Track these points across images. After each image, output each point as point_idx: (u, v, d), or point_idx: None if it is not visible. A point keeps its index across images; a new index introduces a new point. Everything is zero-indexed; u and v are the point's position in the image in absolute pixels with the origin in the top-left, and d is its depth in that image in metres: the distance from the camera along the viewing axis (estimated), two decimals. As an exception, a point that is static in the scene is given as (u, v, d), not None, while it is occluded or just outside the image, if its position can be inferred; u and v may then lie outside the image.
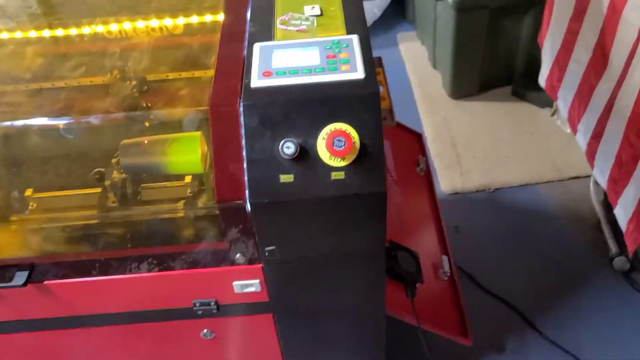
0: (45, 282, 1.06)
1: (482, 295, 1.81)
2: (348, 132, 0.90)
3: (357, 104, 0.91)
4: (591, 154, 1.46)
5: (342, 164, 0.91)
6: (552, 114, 2.28)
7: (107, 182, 1.11)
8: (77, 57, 1.16)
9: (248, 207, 0.92)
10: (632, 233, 1.35)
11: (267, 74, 0.96)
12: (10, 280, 1.02)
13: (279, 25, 1.07)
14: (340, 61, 0.97)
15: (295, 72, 0.96)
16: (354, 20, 1.07)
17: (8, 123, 1.02)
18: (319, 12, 1.09)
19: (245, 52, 1.02)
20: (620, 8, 1.30)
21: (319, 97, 0.91)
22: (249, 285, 1.07)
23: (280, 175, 0.91)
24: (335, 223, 0.97)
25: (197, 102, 0.95)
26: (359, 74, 0.94)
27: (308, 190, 0.91)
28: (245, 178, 0.91)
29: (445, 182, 2.13)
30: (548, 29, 1.69)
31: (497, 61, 2.37)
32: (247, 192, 0.92)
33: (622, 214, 1.38)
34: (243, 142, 0.91)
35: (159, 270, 1.03)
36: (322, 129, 0.91)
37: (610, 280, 1.80)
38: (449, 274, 1.60)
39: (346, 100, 0.91)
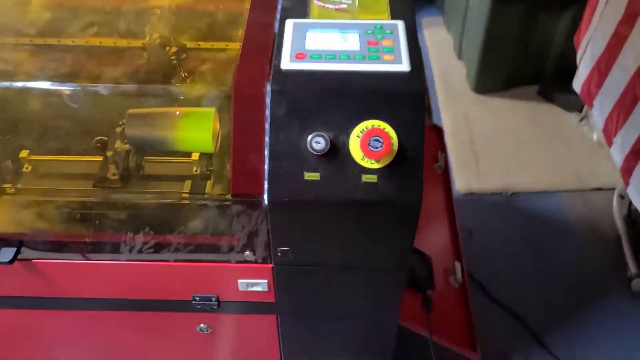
0: (34, 261, 0.97)
1: (490, 306, 1.72)
2: (387, 131, 0.79)
3: (400, 101, 0.81)
4: (628, 170, 1.37)
5: (376, 166, 0.81)
6: (581, 120, 2.17)
7: (109, 153, 1.01)
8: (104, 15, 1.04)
9: (265, 203, 0.83)
10: None
11: (300, 56, 0.85)
12: (-4, 255, 0.93)
13: (315, 1, 0.96)
14: (383, 49, 0.86)
15: (331, 56, 0.85)
16: (400, 3, 0.96)
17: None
18: (361, -9, 0.98)
19: (277, 28, 0.91)
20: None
21: (357, 89, 0.81)
22: (255, 284, 0.98)
23: (305, 172, 0.81)
24: (360, 230, 0.87)
25: (222, 81, 0.85)
26: (404, 66, 0.83)
27: (335, 192, 0.81)
28: (266, 171, 0.81)
29: (461, 181, 2.03)
30: (588, 30, 1.57)
31: (526, 58, 2.25)
32: (266, 186, 0.82)
33: None
34: (267, 131, 0.81)
35: (158, 260, 0.93)
36: (358, 125, 0.80)
37: (626, 303, 1.72)
38: (460, 282, 1.51)
39: (388, 95, 0.80)
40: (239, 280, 0.97)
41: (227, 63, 0.89)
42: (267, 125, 0.81)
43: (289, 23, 0.91)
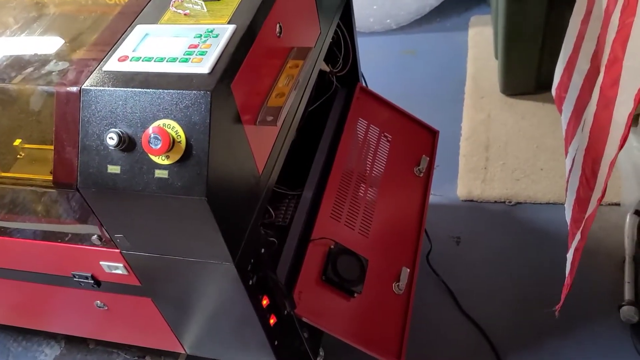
0: None
1: (459, 318, 1.64)
2: (167, 130, 0.84)
3: (186, 101, 0.85)
4: (567, 182, 1.24)
5: (167, 162, 0.86)
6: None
7: None
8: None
9: (77, 192, 0.92)
10: None
11: (123, 59, 0.93)
12: None
13: (171, 7, 1.02)
14: (197, 52, 0.91)
15: (149, 59, 0.91)
16: (248, 9, 0.99)
17: None
18: (218, -4, 1.02)
19: (127, 31, 0.99)
20: (610, 10, 1.06)
21: (151, 90, 0.86)
22: (115, 268, 1.07)
23: (108, 165, 0.89)
24: (169, 223, 0.93)
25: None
26: (204, 68, 0.87)
27: (131, 185, 0.88)
28: (77, 163, 0.90)
29: (463, 187, 1.94)
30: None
31: (556, 59, 2.07)
32: (77, 177, 0.91)
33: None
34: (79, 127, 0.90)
35: (23, 238, 1.07)
36: (152, 123, 0.86)
37: (614, 330, 1.54)
38: (403, 289, 1.47)
39: (175, 95, 0.85)
40: (101, 262, 1.07)
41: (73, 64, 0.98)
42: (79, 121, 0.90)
43: (138, 28, 0.99)
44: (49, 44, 1.06)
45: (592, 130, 0.98)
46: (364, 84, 1.78)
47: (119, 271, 1.07)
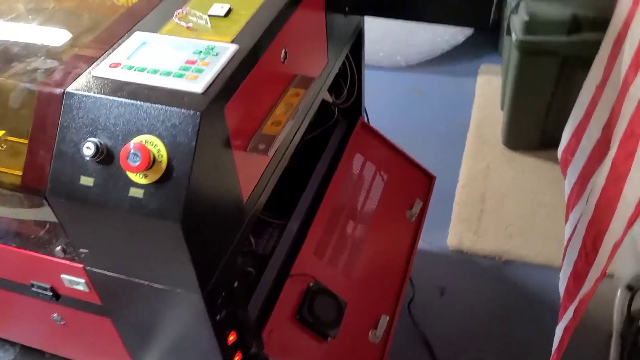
0: None
1: (435, 372, 1.57)
2: (149, 147, 0.78)
3: (174, 119, 0.79)
4: (565, 251, 1.19)
5: (144, 181, 0.80)
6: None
7: None
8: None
9: (45, 201, 0.85)
10: None
11: (114, 66, 0.87)
12: None
13: (174, 18, 0.97)
14: (194, 69, 0.85)
15: (142, 69, 0.86)
16: (255, 30, 0.94)
17: None
18: (223, 13, 0.97)
19: (125, 37, 0.94)
20: (629, 80, 1.02)
21: (138, 102, 0.80)
22: (76, 283, 1.00)
23: (81, 175, 0.82)
24: (140, 245, 0.86)
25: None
26: (198, 87, 0.81)
27: (103, 200, 0.81)
28: (49, 170, 0.84)
29: (453, 237, 1.89)
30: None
31: (564, 118, 2.03)
32: (47, 184, 0.84)
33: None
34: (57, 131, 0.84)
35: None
36: (135, 137, 0.80)
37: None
38: (380, 338, 1.40)
39: (162, 111, 0.79)
40: (62, 275, 1.00)
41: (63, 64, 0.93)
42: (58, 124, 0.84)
43: (136, 34, 0.94)
44: (43, 38, 1.01)
45: (598, 202, 0.93)
46: (366, 119, 1.74)
47: (80, 287, 1.00)
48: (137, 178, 0.80)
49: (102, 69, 0.86)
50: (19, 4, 1.08)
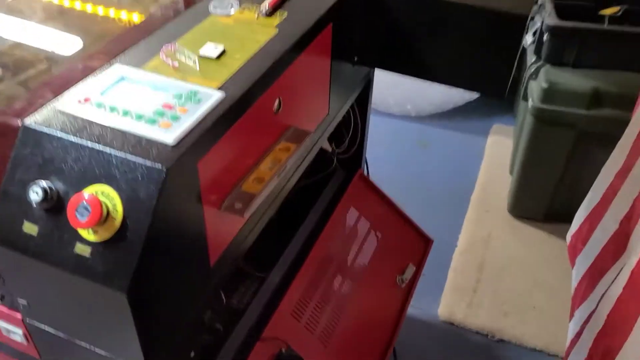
0: None
1: None
2: (103, 200, 0.68)
3: (136, 171, 0.69)
4: (567, 354, 1.07)
5: (92, 237, 0.69)
6: (613, 280, 1.79)
7: None
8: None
9: (-19, 244, 0.75)
10: None
11: (84, 101, 0.77)
12: None
13: (161, 54, 0.88)
14: (170, 115, 0.75)
15: (113, 109, 0.76)
16: (247, 77, 0.85)
17: None
18: (215, 55, 0.88)
19: (105, 67, 0.85)
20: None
21: (100, 146, 0.71)
22: (14, 333, 0.89)
23: (25, 221, 0.72)
24: (80, 307, 0.75)
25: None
26: (169, 137, 0.71)
27: (45, 254, 0.71)
28: (-9, 209, 0.74)
29: (445, 307, 1.77)
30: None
31: (574, 193, 1.93)
32: (-14, 226, 0.74)
33: None
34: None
35: None
36: (88, 187, 0.70)
37: None
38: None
39: (124, 161, 0.69)
40: None
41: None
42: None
43: (115, 67, 0.84)
44: (17, 54, 0.92)
45: (611, 314, 0.82)
46: (365, 171, 1.64)
47: (17, 338, 0.89)
48: (85, 233, 0.69)
49: (69, 103, 0.77)
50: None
